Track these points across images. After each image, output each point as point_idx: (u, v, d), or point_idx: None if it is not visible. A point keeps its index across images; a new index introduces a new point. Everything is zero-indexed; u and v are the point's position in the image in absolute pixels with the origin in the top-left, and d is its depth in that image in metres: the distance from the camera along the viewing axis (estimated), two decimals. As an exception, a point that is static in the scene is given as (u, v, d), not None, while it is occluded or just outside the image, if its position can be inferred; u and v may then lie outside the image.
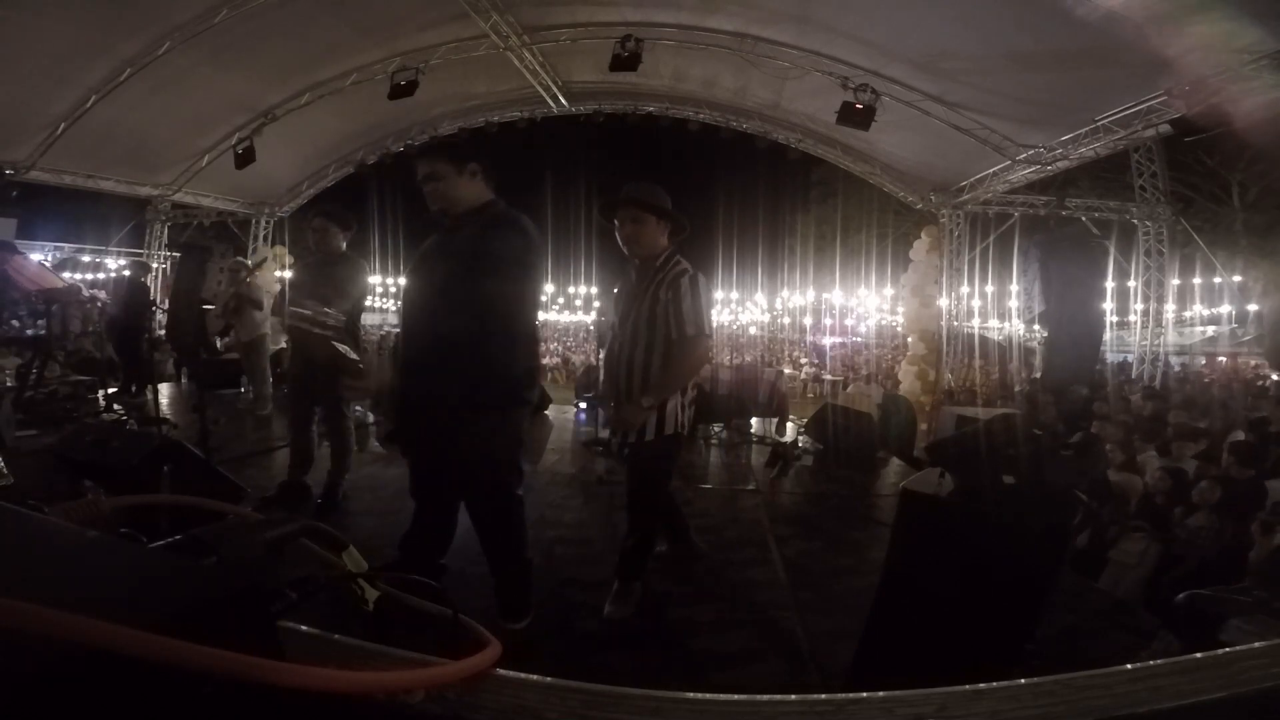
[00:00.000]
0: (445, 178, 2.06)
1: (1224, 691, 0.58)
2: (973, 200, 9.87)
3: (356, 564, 0.87)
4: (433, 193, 2.07)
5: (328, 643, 0.70)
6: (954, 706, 0.61)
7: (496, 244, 1.98)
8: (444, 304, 1.99)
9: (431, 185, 2.06)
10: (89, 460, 2.61)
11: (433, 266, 2.08)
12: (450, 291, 1.98)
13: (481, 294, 1.93)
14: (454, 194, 2.07)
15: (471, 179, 2.09)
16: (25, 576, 0.49)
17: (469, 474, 2.10)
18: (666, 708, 0.62)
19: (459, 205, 2.08)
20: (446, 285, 2.00)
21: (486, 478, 2.10)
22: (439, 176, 2.06)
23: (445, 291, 1.99)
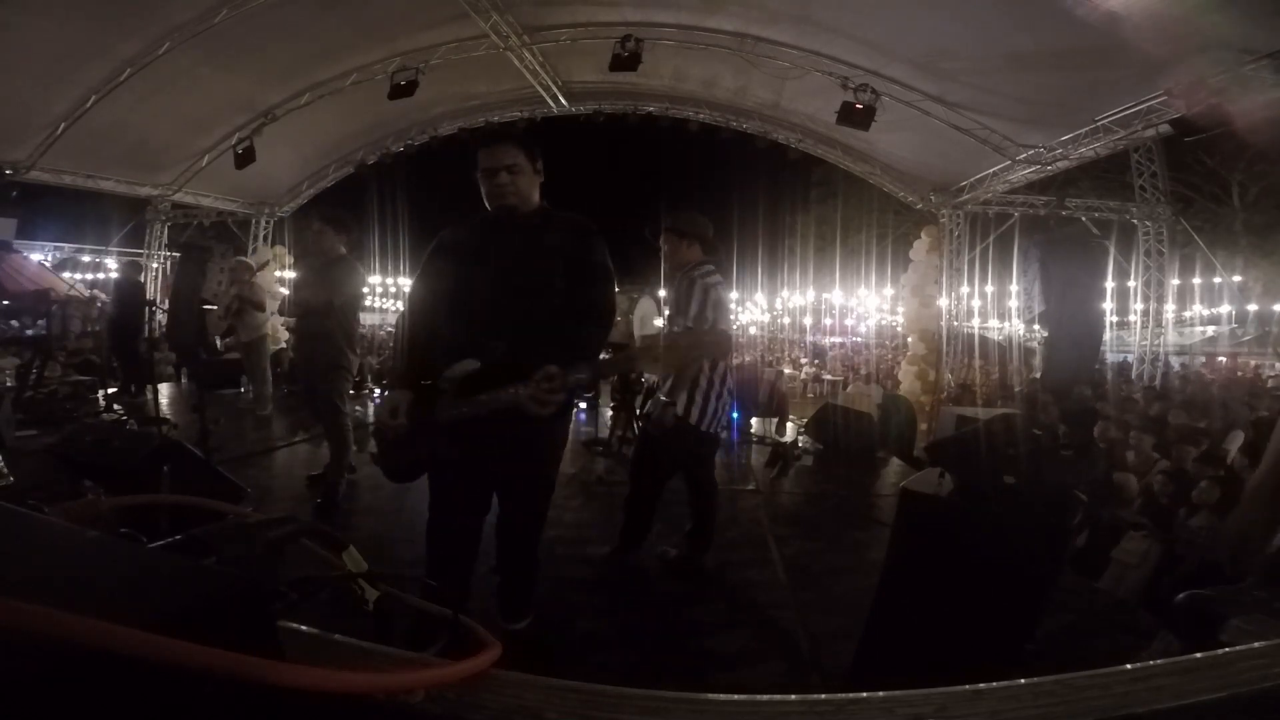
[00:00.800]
0: (523, 171, 1.92)
1: (1224, 691, 0.58)
2: (973, 200, 9.87)
3: (356, 564, 0.88)
4: (504, 186, 1.90)
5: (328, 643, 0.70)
6: (954, 706, 0.61)
7: (598, 255, 1.93)
8: (541, 307, 1.86)
9: (506, 178, 1.90)
10: (89, 460, 2.61)
11: (514, 265, 1.88)
12: (548, 295, 1.87)
13: (587, 302, 1.89)
14: (527, 189, 1.94)
15: (538, 176, 1.99)
16: (25, 576, 0.49)
17: (534, 479, 2.01)
18: (666, 708, 0.62)
19: (529, 202, 1.96)
20: (542, 288, 1.87)
21: (547, 482, 2.06)
22: (518, 169, 1.91)
23: (541, 294, 1.87)
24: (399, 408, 1.82)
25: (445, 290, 1.92)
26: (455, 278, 1.91)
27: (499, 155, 1.90)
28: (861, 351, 18.41)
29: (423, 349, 1.92)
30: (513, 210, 1.91)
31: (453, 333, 1.88)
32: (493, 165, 1.90)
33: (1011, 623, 1.82)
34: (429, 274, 1.99)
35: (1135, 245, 10.33)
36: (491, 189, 1.92)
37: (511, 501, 2.01)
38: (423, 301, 1.98)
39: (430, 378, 1.85)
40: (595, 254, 1.94)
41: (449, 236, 2.01)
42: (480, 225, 1.97)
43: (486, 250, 1.91)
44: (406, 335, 2.01)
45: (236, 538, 0.71)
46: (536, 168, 1.96)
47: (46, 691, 0.42)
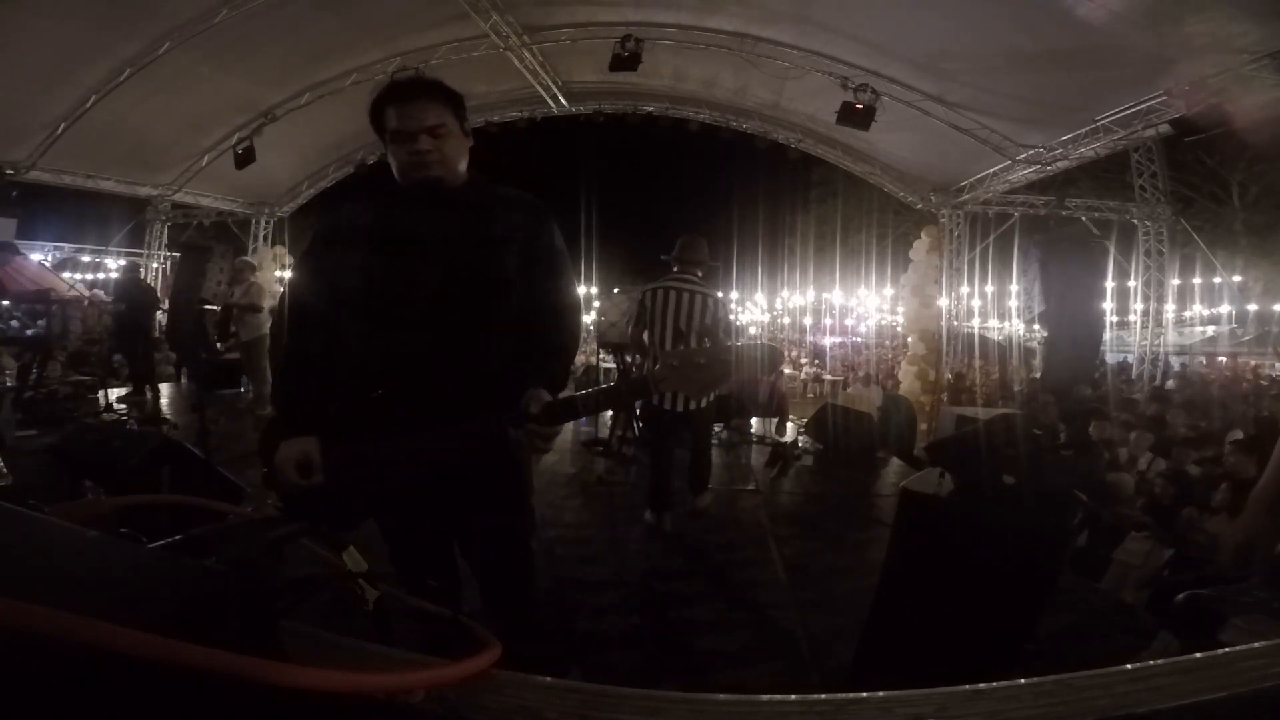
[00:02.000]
0: (451, 134, 1.46)
1: (1224, 691, 0.58)
2: (973, 200, 9.87)
3: (356, 564, 0.88)
4: (427, 154, 1.43)
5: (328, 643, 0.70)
6: (954, 706, 0.61)
7: (546, 236, 1.52)
8: (497, 307, 1.45)
9: (429, 143, 1.43)
10: (89, 460, 2.61)
11: (455, 252, 1.45)
12: (505, 291, 1.46)
13: (556, 301, 1.50)
14: (455, 157, 1.48)
15: (467, 140, 1.54)
16: (25, 576, 0.49)
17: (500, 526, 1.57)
18: (666, 708, 0.62)
19: (457, 174, 1.50)
20: (496, 282, 1.46)
21: (517, 524, 1.62)
22: (444, 131, 1.45)
23: (496, 290, 1.45)
24: (310, 460, 1.34)
25: (350, 289, 1.44)
26: (364, 272, 1.43)
27: (418, 113, 1.42)
28: (861, 351, 18.41)
29: (317, 371, 1.45)
30: (438, 183, 1.46)
31: (366, 344, 1.43)
32: (409, 127, 1.42)
33: (1011, 623, 1.82)
34: (318, 269, 1.50)
35: (1135, 245, 10.33)
36: (408, 157, 1.43)
37: (479, 558, 1.59)
38: (310, 306, 1.48)
39: (338, 408, 1.42)
40: (555, 239, 1.55)
41: (346, 219, 1.51)
42: (394, 203, 1.50)
43: (413, 234, 1.45)
44: (291, 353, 1.48)
45: (236, 538, 0.71)
46: (465, 129, 1.51)
47: (47, 691, 0.42)
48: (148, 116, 8.36)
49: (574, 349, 1.56)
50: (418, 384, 1.40)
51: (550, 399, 1.31)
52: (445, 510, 1.53)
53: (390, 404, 1.38)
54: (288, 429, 1.40)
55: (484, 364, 1.43)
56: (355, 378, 1.43)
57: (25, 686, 0.42)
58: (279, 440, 1.38)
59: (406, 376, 1.40)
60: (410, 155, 1.44)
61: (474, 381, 1.41)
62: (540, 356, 1.44)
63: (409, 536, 1.55)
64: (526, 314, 1.48)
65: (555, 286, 1.52)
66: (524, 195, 1.57)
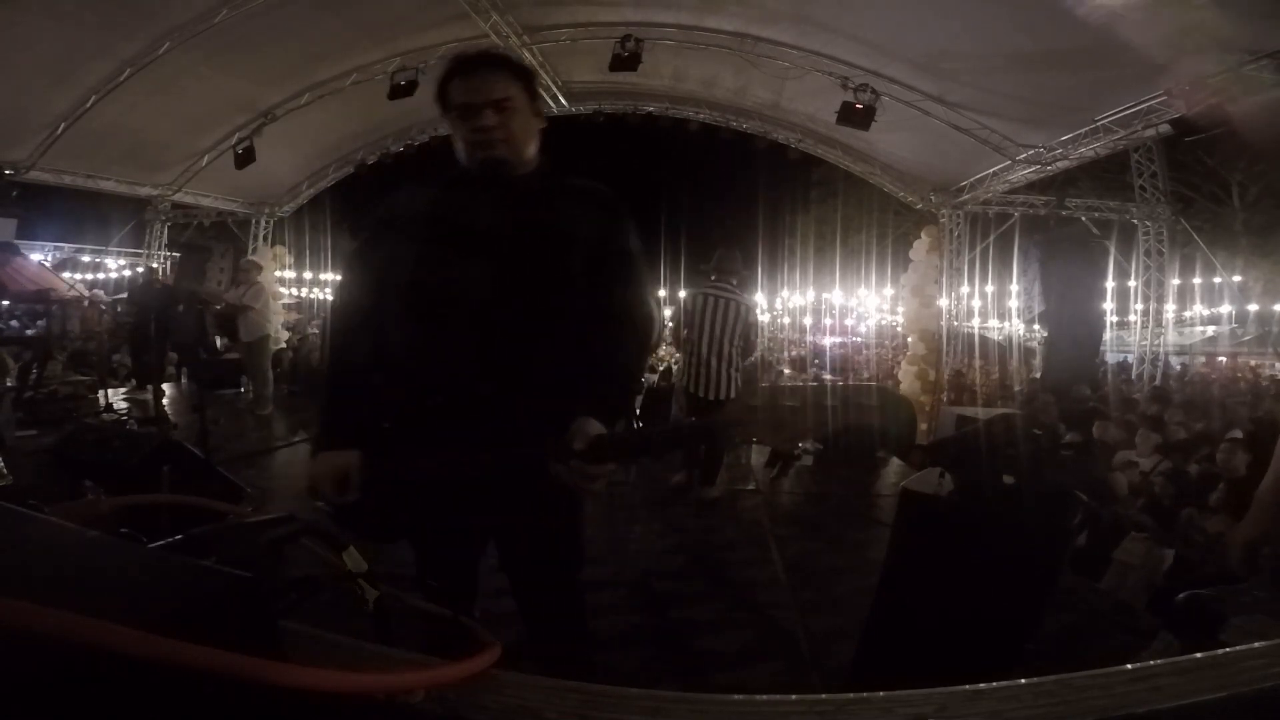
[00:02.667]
0: (519, 111, 1.30)
1: (1224, 691, 0.58)
2: (973, 200, 9.87)
3: (356, 564, 0.87)
4: (491, 130, 1.26)
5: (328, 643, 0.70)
6: (954, 706, 0.61)
7: (619, 236, 1.33)
8: (552, 312, 1.27)
9: (494, 119, 1.26)
10: (89, 460, 2.61)
11: (509, 246, 1.27)
12: (563, 294, 1.27)
13: (623, 310, 1.28)
14: (523, 137, 1.32)
15: (539, 121, 1.37)
16: (25, 576, 0.49)
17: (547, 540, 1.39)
18: (666, 708, 0.62)
19: (525, 157, 1.33)
20: (554, 283, 1.27)
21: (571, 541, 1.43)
22: (511, 106, 1.28)
23: (552, 292, 1.27)
24: (348, 476, 1.21)
25: (396, 286, 1.29)
26: (411, 266, 1.28)
27: (484, 86, 1.27)
28: (862, 351, 18.41)
29: (363, 378, 1.31)
30: (502, 166, 1.30)
31: (409, 349, 1.28)
32: (473, 100, 1.27)
33: (1012, 622, 1.82)
34: (367, 264, 1.36)
35: (1135, 245, 10.33)
36: (472, 134, 1.28)
37: (525, 595, 1.43)
38: (358, 305, 1.34)
39: (384, 419, 1.30)
40: (629, 239, 1.34)
41: (402, 205, 1.36)
42: (452, 188, 1.34)
43: (467, 223, 1.28)
44: (336, 359, 1.35)
45: (236, 538, 0.71)
46: (536, 108, 1.36)
47: (47, 691, 0.42)
48: (148, 116, 8.36)
49: (639, 369, 1.32)
50: (459, 397, 1.22)
51: (599, 433, 1.08)
52: (485, 537, 1.40)
53: (430, 419, 1.23)
54: (326, 440, 1.27)
55: (536, 378, 1.24)
56: (399, 387, 1.28)
57: (25, 686, 0.42)
58: (317, 452, 1.27)
59: (448, 387, 1.23)
60: (473, 132, 1.28)
61: (524, 397, 1.21)
62: (597, 377, 1.21)
63: (442, 553, 1.40)
64: (589, 323, 1.26)
65: (622, 293, 1.29)
66: (600, 189, 1.38)
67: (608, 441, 1.09)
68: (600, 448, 1.07)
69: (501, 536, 1.39)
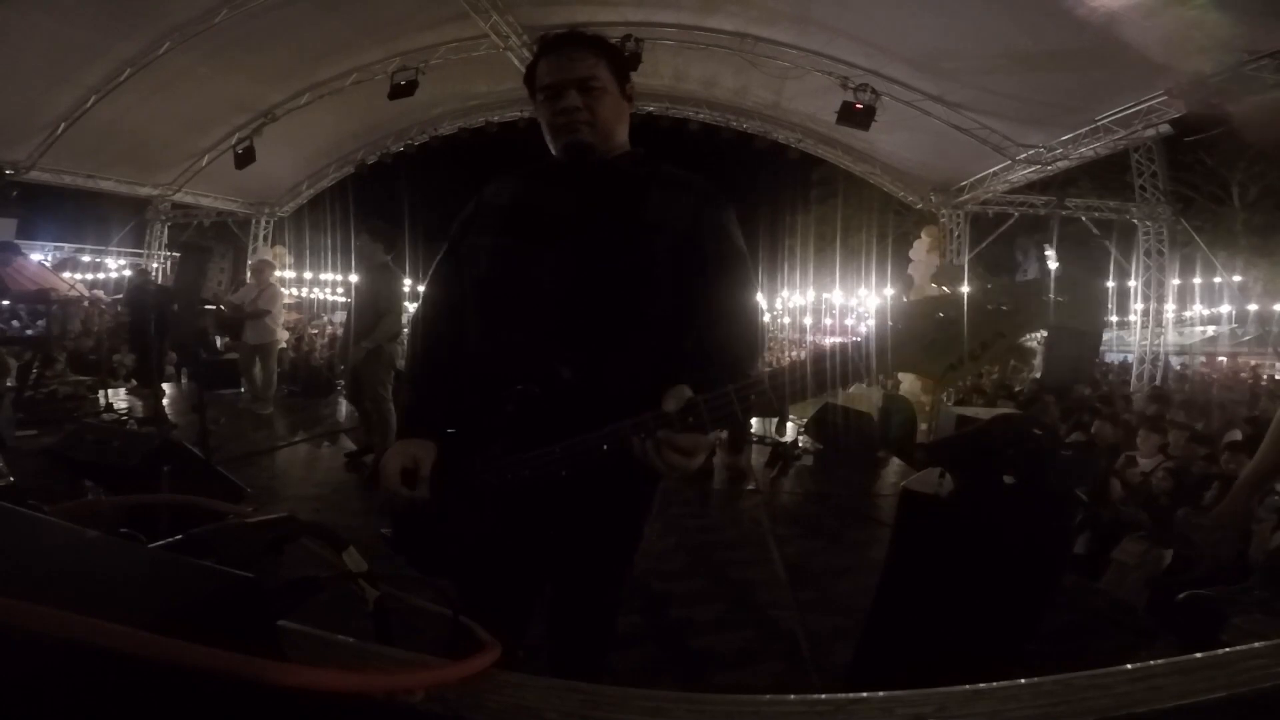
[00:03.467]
0: (607, 92, 1.23)
1: (1224, 691, 0.58)
2: (973, 200, 9.87)
3: (356, 564, 0.87)
4: (576, 112, 1.20)
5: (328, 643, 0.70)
6: (954, 706, 0.61)
7: (715, 226, 1.22)
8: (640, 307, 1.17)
9: (578, 100, 1.20)
10: (89, 460, 2.61)
11: (593, 235, 1.18)
12: (651, 288, 1.17)
13: (725, 308, 1.17)
14: (611, 120, 1.25)
15: (628, 104, 1.31)
16: (25, 576, 0.49)
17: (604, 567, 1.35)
18: (666, 708, 0.62)
19: (613, 141, 1.26)
20: (642, 276, 1.16)
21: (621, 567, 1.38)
22: (597, 87, 1.22)
23: (641, 286, 1.16)
24: (418, 468, 1.14)
25: (481, 278, 1.23)
26: (493, 258, 1.22)
27: (567, 64, 1.21)
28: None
29: (445, 371, 1.25)
30: (587, 150, 1.22)
31: (489, 345, 1.21)
32: (558, 79, 1.21)
33: (1012, 622, 1.82)
34: (457, 254, 1.30)
35: (1135, 245, 10.33)
36: (554, 117, 1.22)
37: (569, 594, 1.37)
38: (445, 297, 1.30)
39: (462, 414, 1.20)
40: (726, 231, 1.24)
41: (492, 193, 1.31)
42: (538, 176, 1.29)
43: (550, 212, 1.21)
44: (420, 350, 1.31)
45: (236, 538, 0.71)
46: (626, 91, 1.28)
47: (47, 691, 0.42)
48: (148, 116, 8.36)
49: (747, 364, 1.13)
50: (532, 396, 1.12)
51: (694, 396, 0.94)
52: (547, 552, 1.26)
53: (503, 419, 1.13)
54: (405, 430, 1.21)
55: (622, 373, 1.12)
56: (477, 385, 1.19)
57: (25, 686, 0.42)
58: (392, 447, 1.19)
59: (522, 385, 1.13)
60: (556, 114, 1.21)
61: (603, 398, 1.07)
62: (697, 359, 1.08)
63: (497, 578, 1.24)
64: (680, 319, 1.16)
65: (722, 287, 1.18)
66: (694, 178, 1.28)
67: (704, 404, 0.93)
68: (693, 411, 0.93)
69: (559, 551, 1.27)
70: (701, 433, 0.94)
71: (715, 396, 0.93)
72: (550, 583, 1.35)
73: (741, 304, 1.20)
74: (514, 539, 1.17)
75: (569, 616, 1.38)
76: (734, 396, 0.91)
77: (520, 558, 1.23)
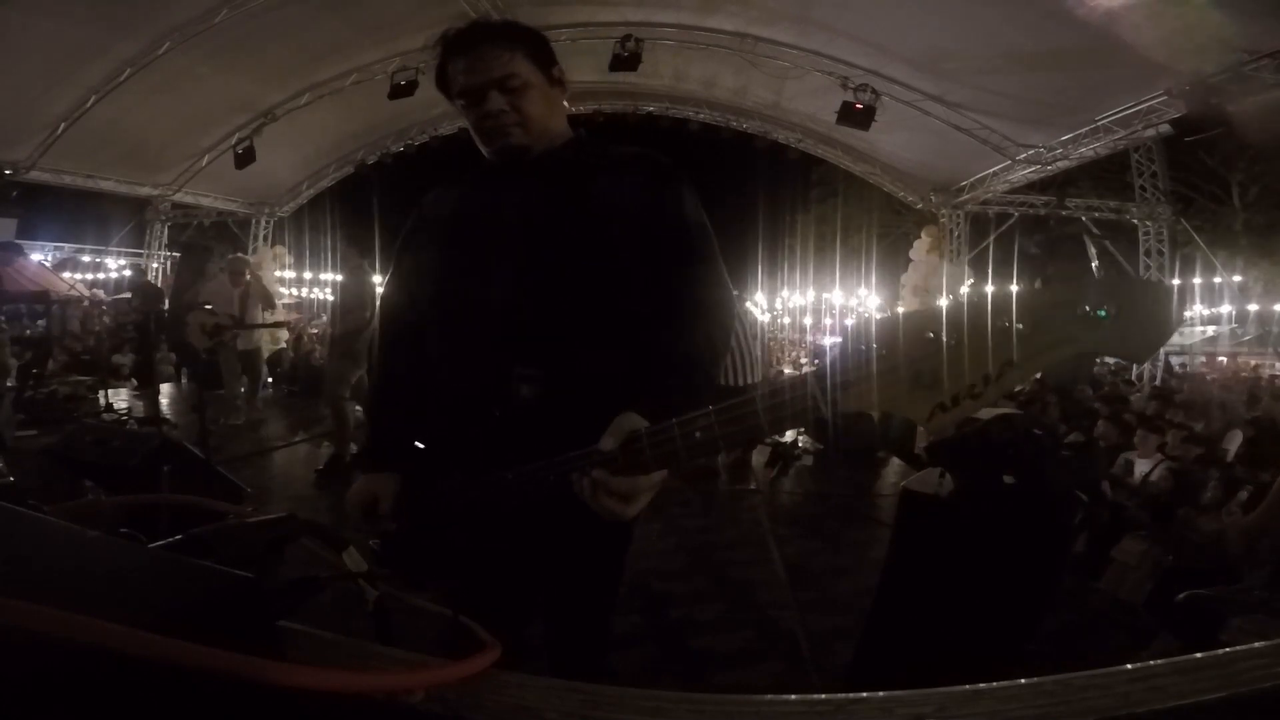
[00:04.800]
0: (530, 87, 1.12)
1: (1224, 691, 0.58)
2: (973, 200, 9.88)
3: (356, 564, 0.87)
4: (502, 116, 1.11)
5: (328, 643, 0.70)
6: (954, 706, 0.61)
7: (672, 205, 1.10)
8: (595, 306, 1.07)
9: (501, 103, 1.10)
10: (89, 460, 2.61)
11: (536, 236, 1.10)
12: (607, 283, 1.07)
13: (685, 293, 1.05)
14: (542, 114, 1.14)
15: (558, 90, 1.20)
16: (25, 576, 0.49)
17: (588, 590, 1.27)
18: (666, 708, 0.62)
19: (549, 134, 1.16)
20: (593, 271, 1.07)
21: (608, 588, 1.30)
22: (518, 84, 1.11)
23: (593, 283, 1.07)
24: (379, 502, 1.12)
25: (431, 290, 1.17)
26: (445, 269, 1.16)
27: (481, 65, 1.10)
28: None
29: (402, 395, 1.20)
30: (521, 153, 1.14)
31: (448, 365, 1.14)
32: (475, 83, 1.11)
33: (1012, 622, 1.82)
34: (401, 269, 1.25)
35: (1135, 245, 10.34)
36: (478, 122, 1.13)
37: (560, 603, 1.30)
38: (396, 316, 1.24)
39: (424, 439, 1.15)
40: (684, 208, 1.10)
41: (432, 204, 1.24)
42: (477, 182, 1.20)
43: (491, 218, 1.14)
44: (377, 380, 1.26)
45: (236, 538, 0.71)
46: (553, 76, 1.18)
47: (47, 691, 0.42)
48: (148, 116, 8.37)
49: (709, 359, 1.02)
50: (487, 411, 1.06)
51: (637, 428, 0.83)
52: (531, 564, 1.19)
53: (469, 434, 1.07)
54: (364, 463, 1.18)
55: (585, 380, 1.02)
56: (437, 402, 1.13)
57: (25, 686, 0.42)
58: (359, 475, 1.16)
59: (476, 401, 1.07)
60: (480, 120, 1.12)
61: (570, 404, 0.98)
62: (652, 370, 0.96)
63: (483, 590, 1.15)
64: (645, 314, 1.04)
65: (682, 271, 1.06)
66: (645, 154, 1.15)
67: (646, 442, 0.80)
68: (634, 451, 0.81)
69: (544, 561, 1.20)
70: (644, 473, 0.82)
71: (658, 432, 0.80)
72: (540, 591, 1.30)
73: (698, 287, 1.06)
74: (493, 553, 1.11)
75: (562, 623, 1.33)
76: (678, 434, 0.77)
77: (503, 571, 1.16)
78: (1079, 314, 0.58)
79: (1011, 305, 0.60)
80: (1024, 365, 0.61)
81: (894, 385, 0.65)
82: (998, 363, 0.61)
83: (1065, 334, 0.59)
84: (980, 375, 0.62)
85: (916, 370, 0.64)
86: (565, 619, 1.31)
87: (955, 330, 0.63)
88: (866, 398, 0.68)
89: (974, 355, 0.62)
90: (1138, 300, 0.58)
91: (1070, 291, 0.59)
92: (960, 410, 0.63)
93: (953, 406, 0.63)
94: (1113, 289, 0.58)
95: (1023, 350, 0.60)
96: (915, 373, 0.64)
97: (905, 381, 0.65)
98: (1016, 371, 0.61)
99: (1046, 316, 0.60)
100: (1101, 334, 0.57)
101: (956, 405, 0.63)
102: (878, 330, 0.67)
